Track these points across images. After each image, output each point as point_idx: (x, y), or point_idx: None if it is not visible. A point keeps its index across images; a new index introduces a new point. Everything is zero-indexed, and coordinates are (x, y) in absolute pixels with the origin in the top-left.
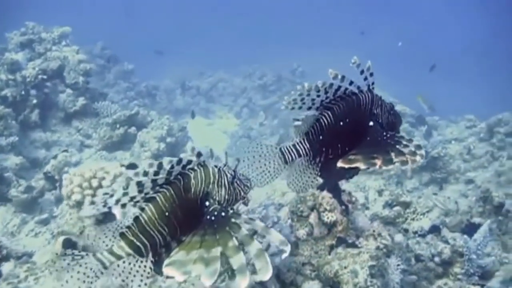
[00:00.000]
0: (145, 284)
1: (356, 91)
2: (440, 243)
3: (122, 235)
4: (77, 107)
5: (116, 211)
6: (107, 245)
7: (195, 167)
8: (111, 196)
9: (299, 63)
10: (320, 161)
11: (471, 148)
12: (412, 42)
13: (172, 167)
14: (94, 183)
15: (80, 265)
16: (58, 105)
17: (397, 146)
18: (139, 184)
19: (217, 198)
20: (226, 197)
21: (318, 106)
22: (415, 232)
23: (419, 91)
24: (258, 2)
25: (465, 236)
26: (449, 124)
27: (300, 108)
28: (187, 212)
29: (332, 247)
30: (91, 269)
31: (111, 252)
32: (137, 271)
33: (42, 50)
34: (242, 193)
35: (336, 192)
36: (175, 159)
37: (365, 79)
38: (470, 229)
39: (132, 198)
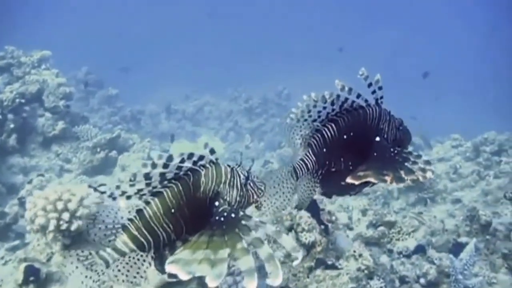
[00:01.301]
0: (141, 277)
1: (364, 104)
2: (426, 264)
3: (125, 228)
4: (57, 131)
5: (121, 203)
6: (109, 240)
7: (207, 164)
8: (118, 187)
9: (285, 85)
10: (321, 173)
11: (458, 167)
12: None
13: (183, 161)
14: (60, 205)
15: (84, 266)
16: (37, 129)
17: (406, 163)
18: (147, 176)
19: (227, 199)
20: (238, 198)
21: (324, 119)
22: (400, 253)
23: (404, 112)
24: (244, 25)
25: (451, 256)
26: (435, 144)
27: (305, 120)
28: (194, 211)
29: (311, 269)
30: (95, 270)
31: (115, 248)
32: (135, 263)
33: (21, 73)
34: (255, 196)
35: (315, 211)
36: (186, 152)
37: (373, 92)
38: (457, 248)
39: (138, 191)
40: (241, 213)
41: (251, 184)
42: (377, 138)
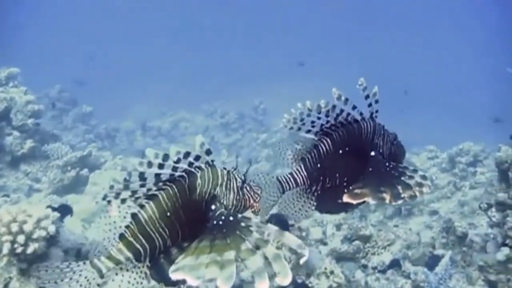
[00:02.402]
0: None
1: (358, 117)
2: (401, 279)
3: (121, 236)
4: (25, 150)
5: (113, 211)
6: (106, 248)
7: (203, 166)
8: (111, 187)
9: (261, 99)
10: (316, 190)
11: (434, 178)
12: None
13: (179, 160)
14: (14, 228)
15: (73, 277)
16: (4, 148)
17: (402, 178)
18: (142, 177)
19: (224, 202)
20: (234, 202)
21: (318, 131)
22: (375, 268)
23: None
24: (218, 38)
25: (426, 270)
26: (411, 156)
27: (299, 129)
28: (190, 214)
29: None
30: (87, 280)
31: (109, 257)
32: (134, 279)
33: None
34: (252, 201)
35: (285, 227)
36: (182, 151)
37: (370, 105)
38: (433, 261)
39: (133, 193)
40: (239, 215)
41: (248, 188)
42: (372, 153)
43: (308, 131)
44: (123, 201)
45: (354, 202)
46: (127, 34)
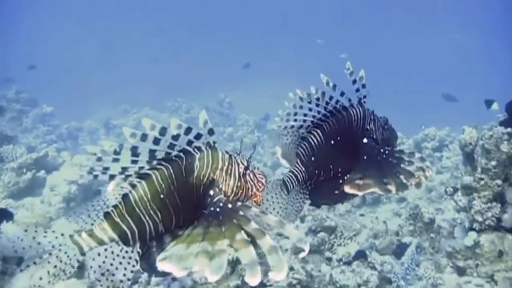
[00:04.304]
0: (128, 280)
1: (347, 104)
2: (367, 270)
3: (107, 214)
4: None
5: (110, 186)
6: (86, 222)
7: (202, 147)
8: (99, 159)
9: (226, 93)
10: (310, 184)
11: None
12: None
13: (177, 136)
14: None
15: (53, 253)
16: None
17: (402, 165)
18: (134, 152)
19: (223, 188)
20: (235, 189)
21: (309, 125)
22: (340, 260)
23: None
24: (179, 34)
25: (392, 261)
26: None
27: (293, 126)
28: (185, 198)
29: None
30: (67, 256)
31: (91, 235)
32: (120, 263)
33: None
34: (254, 189)
35: None
36: (184, 126)
37: (357, 90)
38: (402, 249)
39: (123, 170)
40: (239, 203)
41: (251, 175)
42: (365, 140)
43: (301, 127)
44: (111, 177)
45: (360, 193)
46: (87, 33)
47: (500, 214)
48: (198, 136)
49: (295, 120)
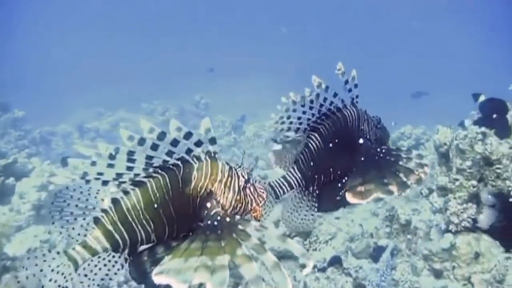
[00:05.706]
0: (110, 279)
1: (340, 105)
2: (342, 277)
3: (97, 220)
4: None
5: (105, 201)
6: (79, 235)
7: (202, 157)
8: (93, 163)
9: (202, 95)
10: (314, 190)
11: None
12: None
13: (176, 143)
14: None
15: (48, 270)
16: None
17: (400, 163)
18: (130, 157)
19: (221, 201)
20: (233, 203)
21: (305, 128)
22: (314, 266)
23: None
24: (152, 36)
25: (366, 268)
26: None
27: (288, 129)
28: (181, 210)
29: None
30: (64, 277)
31: (85, 246)
32: (104, 264)
33: None
34: (254, 204)
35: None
36: (184, 129)
37: (349, 90)
38: (378, 252)
39: (118, 176)
40: (238, 217)
41: (251, 189)
42: (361, 140)
43: (297, 130)
44: (105, 183)
45: (363, 201)
46: (59, 35)
47: (475, 215)
48: (199, 144)
49: (290, 123)
